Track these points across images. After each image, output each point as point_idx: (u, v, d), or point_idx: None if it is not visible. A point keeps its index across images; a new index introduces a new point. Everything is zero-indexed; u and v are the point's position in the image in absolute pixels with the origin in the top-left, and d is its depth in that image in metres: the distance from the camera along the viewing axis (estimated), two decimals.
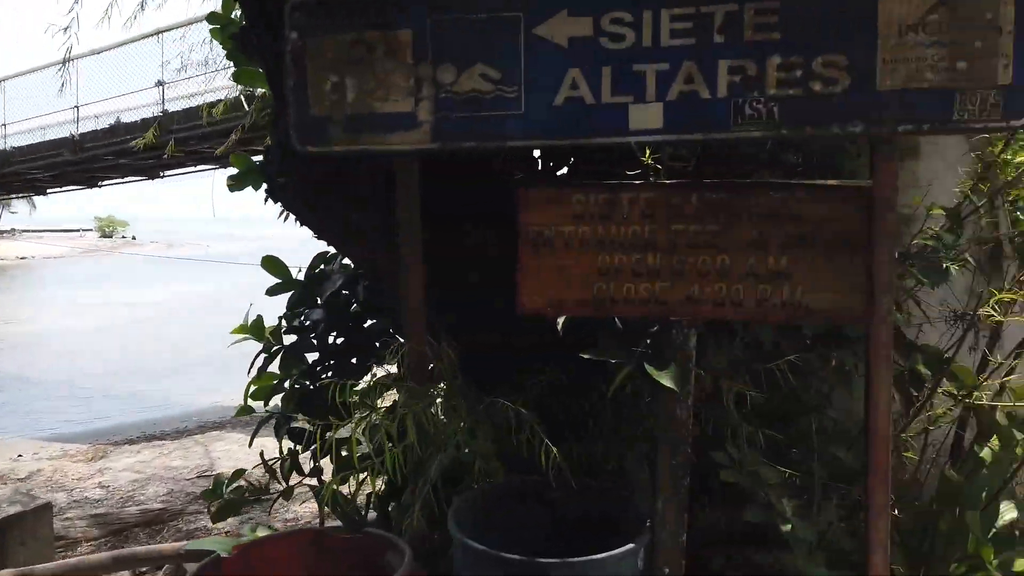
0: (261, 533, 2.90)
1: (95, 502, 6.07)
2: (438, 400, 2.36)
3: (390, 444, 2.42)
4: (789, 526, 2.12)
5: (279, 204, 2.70)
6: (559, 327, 2.44)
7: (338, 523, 2.67)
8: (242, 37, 2.48)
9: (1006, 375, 3.34)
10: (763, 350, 2.28)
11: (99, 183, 17.06)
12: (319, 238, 2.78)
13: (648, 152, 2.23)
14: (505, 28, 2.20)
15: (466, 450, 2.29)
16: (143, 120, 11.59)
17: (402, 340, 2.55)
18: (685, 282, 2.05)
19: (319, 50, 2.31)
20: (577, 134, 2.20)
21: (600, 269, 2.12)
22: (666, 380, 1.99)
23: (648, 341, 2.13)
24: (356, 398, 2.48)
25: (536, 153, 3.02)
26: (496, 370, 2.75)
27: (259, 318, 3.28)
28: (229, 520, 5.49)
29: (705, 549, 2.61)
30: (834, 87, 2.06)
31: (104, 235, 59.93)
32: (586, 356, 2.17)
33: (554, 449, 2.13)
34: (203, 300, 20.92)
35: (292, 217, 2.75)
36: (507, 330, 2.77)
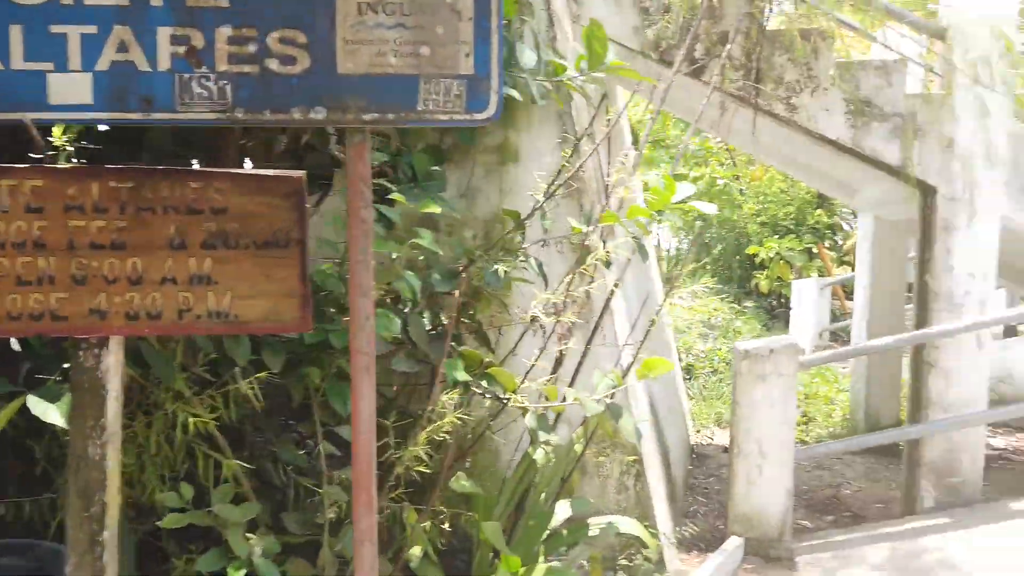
0: None
1: None
2: None
3: None
4: (242, 572, 1.83)
5: None
6: None
7: None
8: None
9: (572, 377, 3.45)
10: (235, 365, 1.99)
11: None
12: None
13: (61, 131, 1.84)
14: None
15: None
16: None
17: None
18: (89, 291, 1.68)
19: None
20: None
21: None
22: (53, 416, 1.60)
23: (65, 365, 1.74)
24: None
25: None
26: None
27: None
28: None
29: None
30: (292, 67, 1.81)
31: None
32: None
33: None
34: None
35: None
36: None
